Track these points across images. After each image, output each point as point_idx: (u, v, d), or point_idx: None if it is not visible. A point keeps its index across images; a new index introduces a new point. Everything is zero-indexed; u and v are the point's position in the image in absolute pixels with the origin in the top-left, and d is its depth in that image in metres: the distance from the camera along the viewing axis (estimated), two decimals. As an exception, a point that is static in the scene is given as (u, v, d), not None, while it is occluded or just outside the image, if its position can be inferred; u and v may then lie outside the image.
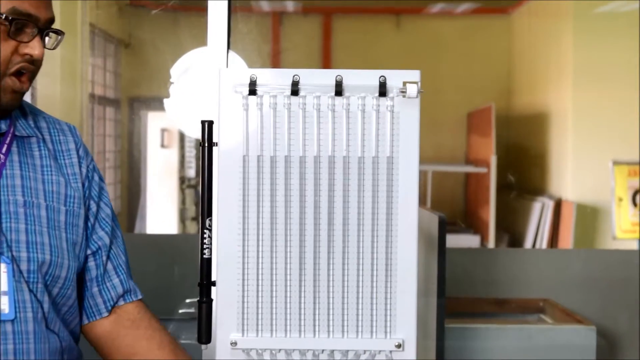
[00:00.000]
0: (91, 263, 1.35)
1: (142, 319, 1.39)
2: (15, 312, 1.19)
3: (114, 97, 5.51)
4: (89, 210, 1.35)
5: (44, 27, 1.24)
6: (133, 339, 1.36)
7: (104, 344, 1.36)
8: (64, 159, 1.34)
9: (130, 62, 5.53)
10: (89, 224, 1.35)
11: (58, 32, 1.28)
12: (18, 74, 1.23)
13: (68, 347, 1.28)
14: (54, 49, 1.29)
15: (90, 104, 5.17)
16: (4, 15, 1.18)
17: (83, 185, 1.35)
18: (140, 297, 1.41)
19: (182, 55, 4.68)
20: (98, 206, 1.38)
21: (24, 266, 1.21)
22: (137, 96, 5.66)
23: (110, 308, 1.36)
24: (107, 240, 1.37)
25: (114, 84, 5.48)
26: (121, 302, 1.37)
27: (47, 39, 1.26)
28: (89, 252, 1.35)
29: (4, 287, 1.19)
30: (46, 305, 1.23)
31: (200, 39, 1.85)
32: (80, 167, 1.35)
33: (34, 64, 1.25)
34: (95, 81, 5.23)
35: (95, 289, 1.35)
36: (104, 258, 1.36)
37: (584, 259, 3.16)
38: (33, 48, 1.22)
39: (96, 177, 1.39)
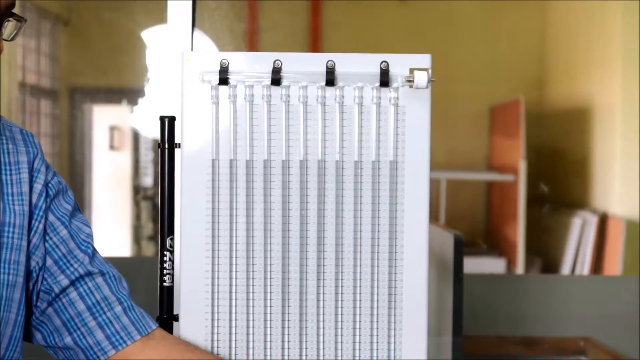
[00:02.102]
0: (73, 294, 1.34)
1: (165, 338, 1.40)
2: None
3: (51, 87, 5.52)
4: (55, 237, 1.34)
5: (3, 15, 1.24)
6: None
7: None
8: (10, 175, 1.31)
9: (71, 44, 5.53)
10: (59, 253, 1.34)
11: (19, 19, 1.27)
12: None
13: None
14: (12, 39, 1.29)
15: (21, 95, 5.17)
16: None
17: (34, 207, 1.32)
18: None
19: (137, 35, 4.70)
20: (69, 228, 1.36)
21: None
22: (79, 86, 5.66)
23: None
24: (89, 265, 1.35)
25: (50, 71, 5.49)
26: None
27: (4, 26, 1.25)
28: (66, 282, 1.34)
29: None
30: None
31: (159, 15, 1.87)
32: (31, 184, 1.32)
33: None
34: (26, 67, 5.23)
35: (92, 322, 1.35)
36: (90, 285, 1.35)
37: (635, 288, 3.18)
38: None
39: (62, 196, 1.37)
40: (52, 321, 1.35)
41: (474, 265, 4.56)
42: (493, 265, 4.77)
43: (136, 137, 5.65)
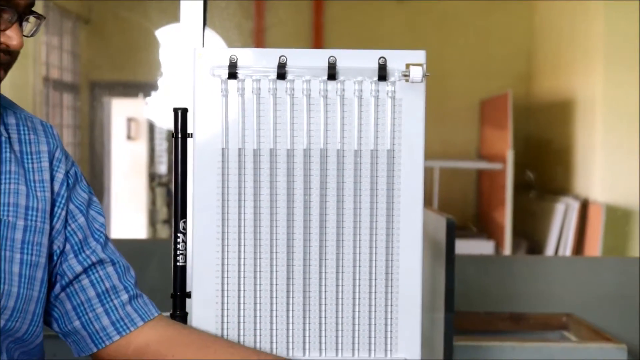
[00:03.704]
0: (85, 281, 1.34)
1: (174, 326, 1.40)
2: None
3: (72, 81, 5.51)
4: (74, 224, 1.34)
5: (23, 12, 1.23)
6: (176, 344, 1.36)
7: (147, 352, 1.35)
8: (32, 163, 1.31)
9: (91, 41, 5.52)
10: (76, 239, 1.34)
11: (39, 17, 1.26)
12: None
13: None
14: (32, 36, 1.28)
15: (45, 89, 5.17)
16: None
17: (56, 195, 1.32)
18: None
19: (151, 33, 4.69)
20: (87, 216, 1.36)
21: None
22: (98, 80, 5.65)
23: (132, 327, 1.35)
24: (102, 253, 1.35)
25: (72, 66, 5.48)
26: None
27: (25, 24, 1.25)
28: (79, 268, 1.34)
29: None
30: None
31: (172, 14, 1.86)
32: (52, 173, 1.32)
33: (10, 55, 1.23)
34: (50, 63, 5.22)
35: (100, 309, 1.35)
36: (101, 273, 1.35)
37: (614, 268, 3.18)
38: (10, 38, 1.20)
39: (79, 185, 1.37)
40: (64, 305, 1.35)
41: (465, 247, 4.56)
42: (482, 247, 4.78)
43: (151, 127, 5.65)
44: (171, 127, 1.52)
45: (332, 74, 1.42)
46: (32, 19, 1.25)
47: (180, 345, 1.35)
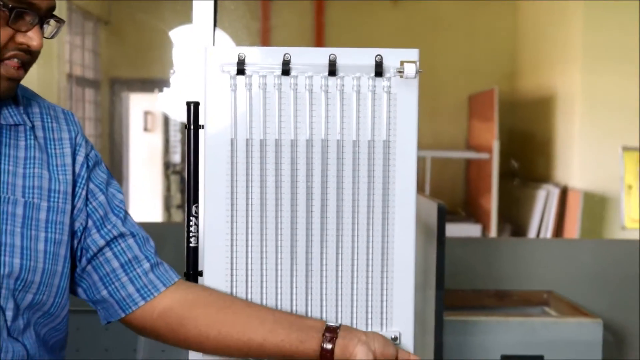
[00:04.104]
0: (108, 254, 1.35)
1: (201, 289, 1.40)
2: None
3: (94, 77, 5.49)
4: (94, 201, 1.34)
5: (45, 15, 1.23)
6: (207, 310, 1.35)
7: (171, 317, 1.34)
8: (54, 149, 1.31)
9: (110, 41, 5.50)
10: (97, 216, 1.34)
11: (59, 20, 1.26)
12: (12, 60, 1.21)
13: (37, 355, 1.26)
14: (52, 37, 1.28)
15: (68, 85, 5.16)
16: (3, 2, 1.17)
17: (77, 176, 1.33)
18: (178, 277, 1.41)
19: (166, 33, 4.67)
20: (106, 194, 1.36)
21: None
22: (117, 77, 5.64)
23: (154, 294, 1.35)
24: (122, 227, 1.36)
25: (93, 64, 5.46)
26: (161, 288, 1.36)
27: (46, 26, 1.25)
28: (102, 242, 1.34)
29: None
30: (10, 313, 1.21)
31: (185, 16, 1.85)
32: (74, 157, 1.33)
33: (31, 54, 1.23)
34: (73, 61, 5.21)
35: (124, 278, 1.35)
36: (122, 245, 1.35)
37: (591, 249, 3.18)
38: (31, 39, 1.21)
39: (98, 167, 1.37)
40: (91, 276, 1.35)
41: (454, 230, 4.56)
42: (470, 230, 4.78)
43: (166, 120, 5.64)
44: (184, 119, 1.51)
45: (332, 71, 1.41)
46: (52, 22, 1.26)
47: (201, 306, 1.36)
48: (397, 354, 1.33)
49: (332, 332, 1.31)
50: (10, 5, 1.18)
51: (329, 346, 1.30)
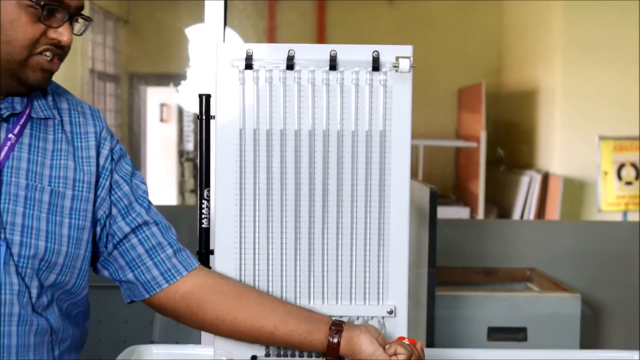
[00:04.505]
0: (134, 240, 1.34)
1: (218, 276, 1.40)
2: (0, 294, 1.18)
3: (114, 72, 5.48)
4: (119, 192, 1.34)
5: (74, 14, 1.24)
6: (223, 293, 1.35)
7: (193, 298, 1.34)
8: (80, 142, 1.31)
9: (130, 39, 5.49)
10: (122, 204, 1.34)
11: (87, 19, 1.27)
12: (45, 54, 1.21)
13: (60, 328, 1.27)
14: (81, 34, 1.29)
15: (91, 80, 5.15)
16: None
17: (101, 168, 1.32)
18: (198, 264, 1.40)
19: (180, 32, 4.66)
20: (130, 185, 1.36)
21: (15, 250, 1.19)
22: (136, 72, 5.63)
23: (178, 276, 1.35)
24: (146, 216, 1.35)
25: (113, 60, 5.45)
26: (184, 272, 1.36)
27: (75, 24, 1.25)
28: (127, 229, 1.34)
29: None
30: (34, 291, 1.21)
31: (198, 16, 1.84)
32: (99, 150, 1.32)
33: (62, 49, 1.23)
34: (95, 57, 5.19)
35: (149, 262, 1.35)
36: (147, 233, 1.35)
37: (570, 230, 3.18)
38: (62, 34, 1.21)
39: (123, 160, 1.37)
40: (118, 261, 1.35)
41: (445, 212, 4.55)
42: (460, 212, 4.77)
43: (181, 111, 5.63)
44: (197, 111, 1.51)
45: (333, 66, 1.41)
46: (81, 20, 1.26)
47: (219, 292, 1.36)
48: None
49: (338, 327, 1.33)
50: (42, 3, 1.18)
51: (335, 340, 1.31)
